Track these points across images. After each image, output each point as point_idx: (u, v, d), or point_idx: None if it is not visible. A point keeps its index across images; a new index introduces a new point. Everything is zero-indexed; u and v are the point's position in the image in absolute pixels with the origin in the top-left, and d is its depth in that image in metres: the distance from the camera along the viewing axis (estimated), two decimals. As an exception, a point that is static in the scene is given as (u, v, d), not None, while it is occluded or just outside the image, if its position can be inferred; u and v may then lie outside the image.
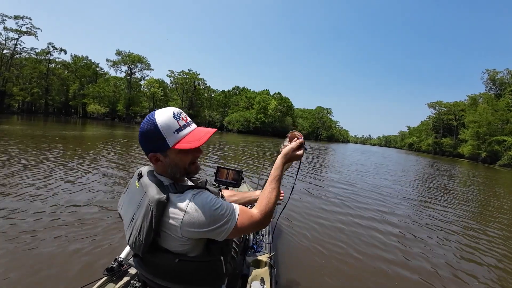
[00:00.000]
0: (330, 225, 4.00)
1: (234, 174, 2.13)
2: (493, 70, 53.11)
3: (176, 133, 0.92)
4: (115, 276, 1.33)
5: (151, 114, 0.93)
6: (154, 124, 0.90)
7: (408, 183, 9.77)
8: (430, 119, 73.85)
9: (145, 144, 0.95)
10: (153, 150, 0.94)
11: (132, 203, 0.97)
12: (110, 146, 10.53)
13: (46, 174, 5.01)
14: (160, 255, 0.92)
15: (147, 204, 0.86)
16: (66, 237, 2.68)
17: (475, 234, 4.28)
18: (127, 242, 0.93)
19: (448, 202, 6.68)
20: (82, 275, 2.09)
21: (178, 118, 0.94)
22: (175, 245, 0.91)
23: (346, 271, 2.71)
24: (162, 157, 0.95)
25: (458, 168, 22.84)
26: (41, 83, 50.13)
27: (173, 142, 0.91)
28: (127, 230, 0.94)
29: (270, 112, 65.95)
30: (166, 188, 0.91)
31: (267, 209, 1.01)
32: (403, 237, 3.81)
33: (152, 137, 0.91)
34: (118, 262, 1.39)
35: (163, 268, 0.93)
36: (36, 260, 2.25)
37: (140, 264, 0.98)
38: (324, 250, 3.12)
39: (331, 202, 5.38)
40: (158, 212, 0.85)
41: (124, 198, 1.08)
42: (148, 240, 0.86)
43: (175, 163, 0.96)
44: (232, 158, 11.06)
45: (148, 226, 0.85)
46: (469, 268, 3.04)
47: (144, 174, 0.98)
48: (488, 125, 42.01)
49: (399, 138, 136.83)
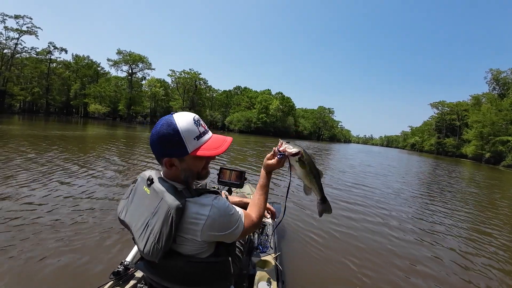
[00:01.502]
0: (337, 224, 3.92)
1: (237, 175, 2.12)
2: (497, 70, 52.61)
3: (196, 139, 0.90)
4: (121, 279, 1.32)
5: (169, 117, 0.90)
6: (175, 129, 0.87)
7: (423, 187, 9.48)
8: (432, 119, 73.41)
9: (161, 148, 0.91)
10: (169, 155, 0.91)
11: (142, 209, 0.95)
12: (110, 147, 10.33)
13: (46, 174, 4.88)
14: (170, 258, 0.91)
15: (166, 210, 0.85)
16: (70, 240, 2.61)
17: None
18: (141, 250, 0.89)
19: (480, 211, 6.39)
20: (89, 279, 2.06)
21: (198, 125, 0.93)
22: (191, 248, 0.91)
23: (353, 272, 2.64)
24: (177, 162, 0.93)
25: (468, 169, 22.42)
26: (42, 82, 50.13)
27: (193, 148, 0.90)
28: (139, 238, 0.91)
29: (272, 112, 65.78)
30: (181, 193, 0.90)
31: (260, 213, 1.14)
32: (419, 243, 3.53)
33: (172, 141, 0.88)
34: (124, 265, 1.37)
35: (172, 271, 0.93)
36: (39, 265, 2.19)
37: (147, 267, 0.98)
38: (330, 249, 3.07)
39: (336, 202, 5.23)
40: (177, 218, 0.85)
41: (128, 204, 1.02)
42: (168, 247, 0.86)
43: (190, 168, 0.95)
44: (234, 159, 10.92)
45: (168, 232, 0.84)
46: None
47: (156, 180, 0.96)
48: (492, 125, 41.59)
49: (401, 138, 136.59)
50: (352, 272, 2.63)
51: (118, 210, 1.05)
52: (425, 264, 2.92)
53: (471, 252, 3.45)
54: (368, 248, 3.20)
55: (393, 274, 2.67)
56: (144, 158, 8.21)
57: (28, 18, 44.10)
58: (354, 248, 3.16)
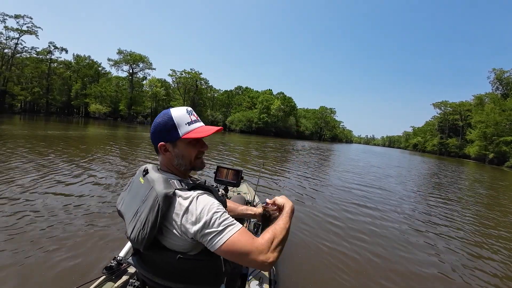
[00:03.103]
0: (336, 226, 3.95)
1: (233, 174, 2.12)
2: (500, 70, 52.16)
3: (187, 125, 1.00)
4: (114, 275, 1.32)
5: (167, 110, 1.03)
6: (170, 116, 0.99)
7: (431, 188, 9.22)
8: (435, 119, 73.01)
9: (157, 134, 1.01)
10: (163, 139, 1.00)
11: (136, 198, 0.99)
12: (110, 147, 10.14)
13: (45, 174, 4.87)
14: (160, 253, 0.92)
15: (154, 198, 0.88)
16: (64, 236, 2.64)
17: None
18: (128, 236, 0.92)
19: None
20: (81, 273, 2.07)
21: (190, 114, 1.04)
22: (176, 242, 0.91)
23: (346, 271, 2.66)
24: (171, 147, 1.01)
25: (475, 171, 22.13)
26: (42, 82, 50.02)
27: (184, 132, 0.99)
28: (129, 224, 0.94)
29: (273, 112, 65.52)
30: (172, 184, 0.93)
31: (275, 242, 0.90)
32: (414, 243, 3.27)
33: (166, 126, 0.98)
34: (117, 261, 1.37)
35: (163, 267, 0.94)
36: (33, 260, 2.22)
37: (139, 263, 0.99)
38: (325, 251, 3.09)
39: (332, 202, 5.33)
40: (164, 206, 0.87)
41: (125, 195, 1.09)
42: (152, 234, 0.87)
43: (182, 154, 1.02)
44: (233, 158, 10.87)
45: (153, 219, 0.85)
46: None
47: (150, 170, 1.02)
48: (496, 125, 41.22)
49: (403, 138, 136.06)
50: (346, 273, 2.62)
51: (117, 202, 1.11)
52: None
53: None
54: (368, 253, 3.16)
55: (390, 281, 2.61)
56: (146, 159, 8.09)
57: (28, 18, 44.09)
58: (350, 251, 3.15)
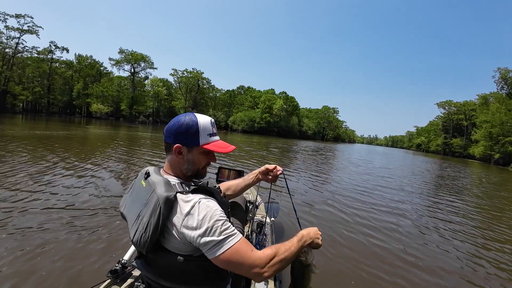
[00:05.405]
0: (337, 225, 3.91)
1: (235, 174, 2.12)
2: (505, 69, 51.31)
3: (209, 136, 1.02)
4: (119, 278, 1.32)
5: (191, 114, 1.03)
6: (195, 121, 0.99)
7: (442, 191, 8.83)
8: (439, 119, 72.35)
9: (177, 134, 0.99)
10: (182, 142, 0.99)
11: (138, 201, 0.98)
12: (111, 148, 9.83)
13: (46, 174, 4.87)
14: (164, 256, 0.92)
15: (155, 201, 0.88)
16: (67, 239, 2.61)
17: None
18: (131, 239, 0.92)
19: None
20: (86, 277, 2.06)
21: (213, 126, 1.06)
22: (177, 245, 0.90)
23: (351, 272, 2.65)
24: (185, 151, 1.01)
25: (485, 172, 21.62)
26: (43, 82, 49.88)
27: (204, 142, 1.00)
28: (131, 227, 0.94)
29: (276, 112, 65.13)
30: (174, 187, 0.94)
31: (275, 260, 0.90)
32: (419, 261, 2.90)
33: (189, 130, 0.98)
34: (122, 264, 1.38)
35: (167, 269, 0.93)
36: (38, 263, 2.19)
37: (144, 265, 0.99)
38: (329, 250, 3.05)
39: (338, 201, 5.25)
40: (166, 210, 0.87)
41: (128, 198, 1.09)
42: (154, 237, 0.87)
43: (194, 161, 1.03)
44: (235, 158, 10.66)
45: (155, 222, 0.85)
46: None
47: (152, 173, 1.02)
48: (502, 125, 40.62)
49: (406, 138, 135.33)
50: (351, 274, 2.59)
51: (120, 204, 1.11)
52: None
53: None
54: (371, 253, 3.12)
55: (402, 278, 2.60)
56: (147, 159, 7.85)
57: (29, 17, 43.99)
58: (354, 252, 3.08)
